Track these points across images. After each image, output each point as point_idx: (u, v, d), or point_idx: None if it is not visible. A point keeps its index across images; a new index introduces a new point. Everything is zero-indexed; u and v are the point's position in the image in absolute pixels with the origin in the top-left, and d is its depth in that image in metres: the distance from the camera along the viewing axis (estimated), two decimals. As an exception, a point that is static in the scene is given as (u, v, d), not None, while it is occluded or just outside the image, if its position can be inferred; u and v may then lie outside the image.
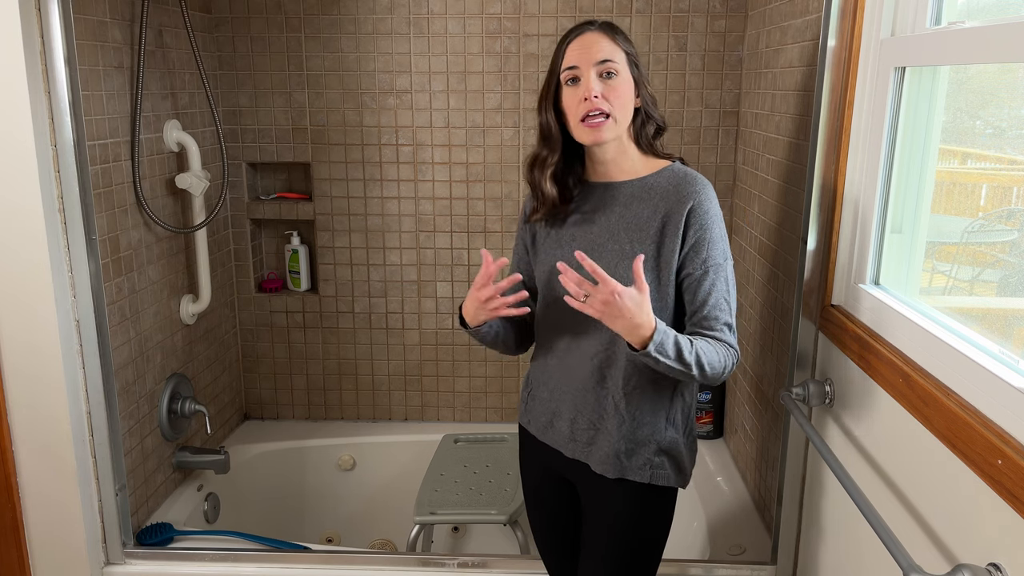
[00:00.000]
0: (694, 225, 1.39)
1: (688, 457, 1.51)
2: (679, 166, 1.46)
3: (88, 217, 1.78)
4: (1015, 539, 1.00)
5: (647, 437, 1.45)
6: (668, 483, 1.47)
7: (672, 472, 1.48)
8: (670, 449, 1.47)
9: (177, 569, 1.96)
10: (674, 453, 1.47)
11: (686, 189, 1.41)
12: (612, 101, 1.37)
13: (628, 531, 1.49)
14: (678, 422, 1.48)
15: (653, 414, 1.45)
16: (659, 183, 1.43)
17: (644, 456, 1.45)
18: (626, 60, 1.39)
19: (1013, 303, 1.24)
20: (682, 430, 1.49)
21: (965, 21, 1.25)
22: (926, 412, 1.21)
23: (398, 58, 2.54)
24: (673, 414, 1.47)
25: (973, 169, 1.40)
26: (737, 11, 2.45)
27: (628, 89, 1.39)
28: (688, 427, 1.51)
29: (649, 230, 1.41)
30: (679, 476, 1.49)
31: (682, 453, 1.48)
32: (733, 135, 2.53)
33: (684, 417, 1.49)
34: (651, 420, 1.45)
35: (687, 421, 1.51)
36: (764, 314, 2.17)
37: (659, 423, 1.46)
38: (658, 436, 1.46)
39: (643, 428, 1.45)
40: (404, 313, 2.73)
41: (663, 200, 1.41)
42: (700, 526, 2.22)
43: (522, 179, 2.60)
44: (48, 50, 1.68)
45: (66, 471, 1.86)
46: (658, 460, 1.46)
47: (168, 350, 2.27)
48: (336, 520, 2.72)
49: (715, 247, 1.40)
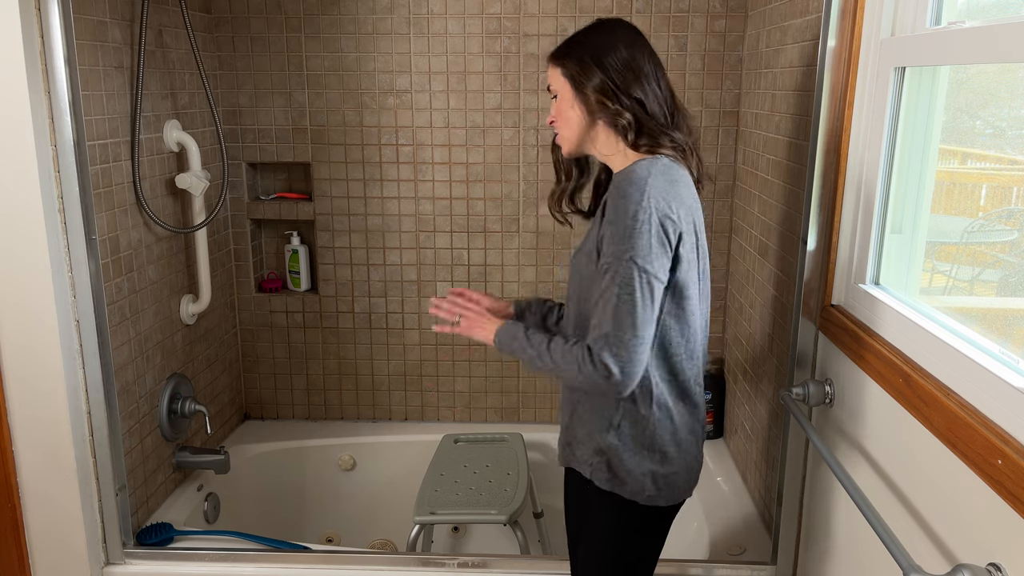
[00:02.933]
0: (607, 217, 1.35)
1: (639, 469, 1.44)
2: (643, 162, 1.38)
3: (88, 217, 1.78)
4: (1015, 539, 1.00)
5: (587, 435, 1.48)
6: (605, 487, 1.46)
7: (608, 476, 1.45)
8: (609, 453, 1.44)
9: (177, 569, 1.96)
10: (613, 459, 1.44)
11: (619, 179, 1.38)
12: (557, 120, 1.48)
13: (591, 535, 1.53)
14: (624, 431, 1.43)
15: (595, 415, 1.46)
16: (621, 175, 1.42)
17: (585, 453, 1.48)
18: (560, 74, 1.44)
19: (1013, 303, 1.24)
20: (630, 440, 1.43)
21: (965, 21, 1.25)
22: (926, 412, 1.21)
23: (398, 58, 2.54)
24: (618, 420, 1.43)
25: (973, 169, 1.40)
26: (737, 11, 2.45)
27: (564, 102, 1.45)
28: (647, 442, 1.43)
29: (597, 223, 1.44)
30: (617, 483, 1.44)
31: (624, 463, 1.43)
32: (733, 135, 2.53)
33: (636, 428, 1.43)
34: (591, 419, 1.47)
35: (642, 433, 1.43)
36: (764, 314, 2.17)
37: (599, 425, 1.45)
38: (598, 437, 1.45)
39: (583, 426, 1.49)
40: (404, 313, 2.73)
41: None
42: (700, 526, 2.22)
43: (522, 179, 2.60)
44: (48, 50, 1.68)
45: (66, 471, 1.86)
46: (597, 461, 1.46)
47: (168, 350, 2.27)
48: (336, 520, 2.72)
49: (617, 243, 1.31)
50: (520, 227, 2.64)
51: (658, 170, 1.35)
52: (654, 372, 1.41)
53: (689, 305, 1.40)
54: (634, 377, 1.33)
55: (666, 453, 1.45)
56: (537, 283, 2.67)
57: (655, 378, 1.41)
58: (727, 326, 2.65)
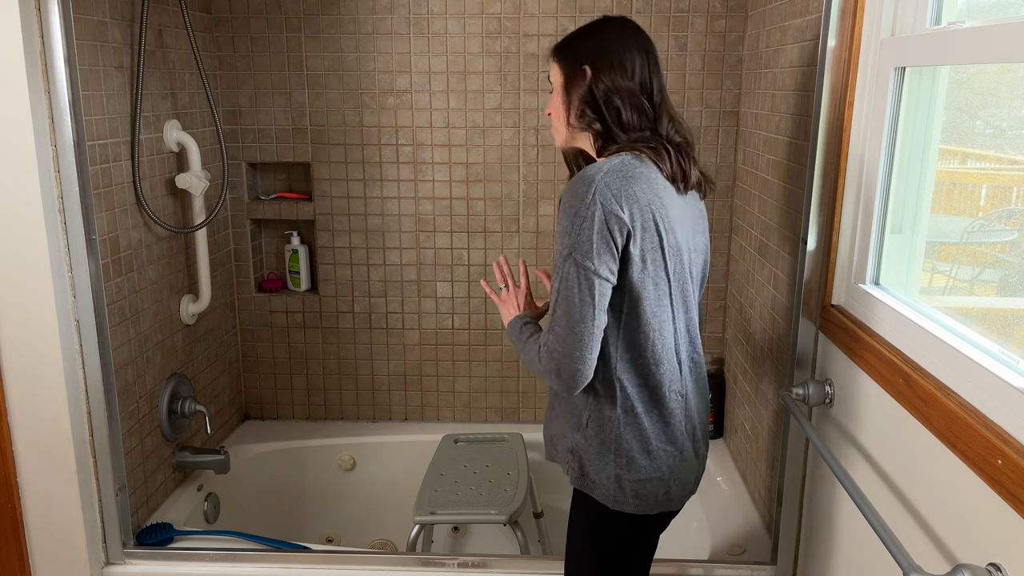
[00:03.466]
0: (559, 216, 1.37)
1: (605, 473, 1.42)
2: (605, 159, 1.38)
3: (88, 217, 1.78)
4: (1015, 539, 1.00)
5: (560, 432, 1.50)
6: (576, 485, 1.48)
7: (579, 475, 1.46)
8: (581, 454, 1.45)
9: (177, 569, 1.96)
10: (584, 459, 1.45)
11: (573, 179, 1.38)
12: (551, 112, 1.51)
13: (569, 533, 1.56)
14: (590, 431, 1.43)
15: (568, 413, 1.48)
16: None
17: (562, 450, 1.50)
18: (558, 70, 1.46)
19: (1013, 303, 1.24)
20: (596, 443, 1.42)
21: (965, 21, 1.25)
22: (926, 412, 1.21)
23: (398, 58, 2.54)
24: (585, 420, 1.43)
25: (973, 169, 1.40)
26: (737, 11, 2.45)
27: (557, 97, 1.47)
28: (612, 445, 1.41)
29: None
30: (588, 483, 1.45)
31: (592, 464, 1.43)
32: (733, 135, 2.53)
33: (605, 431, 1.41)
34: (565, 417, 1.48)
35: (608, 438, 1.41)
36: (764, 314, 2.17)
37: (569, 424, 1.47)
38: (570, 436, 1.47)
39: (556, 423, 1.51)
40: (404, 313, 2.73)
41: None
42: (700, 526, 2.22)
43: (522, 179, 2.60)
44: (48, 50, 1.68)
45: (66, 471, 1.86)
46: (570, 459, 1.48)
47: (168, 350, 2.27)
48: (336, 520, 2.72)
49: (560, 241, 1.34)
50: (520, 227, 2.64)
51: (613, 167, 1.33)
52: (623, 375, 1.39)
53: (647, 306, 1.35)
54: (574, 374, 1.33)
55: (632, 459, 1.41)
56: (537, 283, 2.67)
57: (624, 381, 1.39)
58: (727, 326, 2.65)
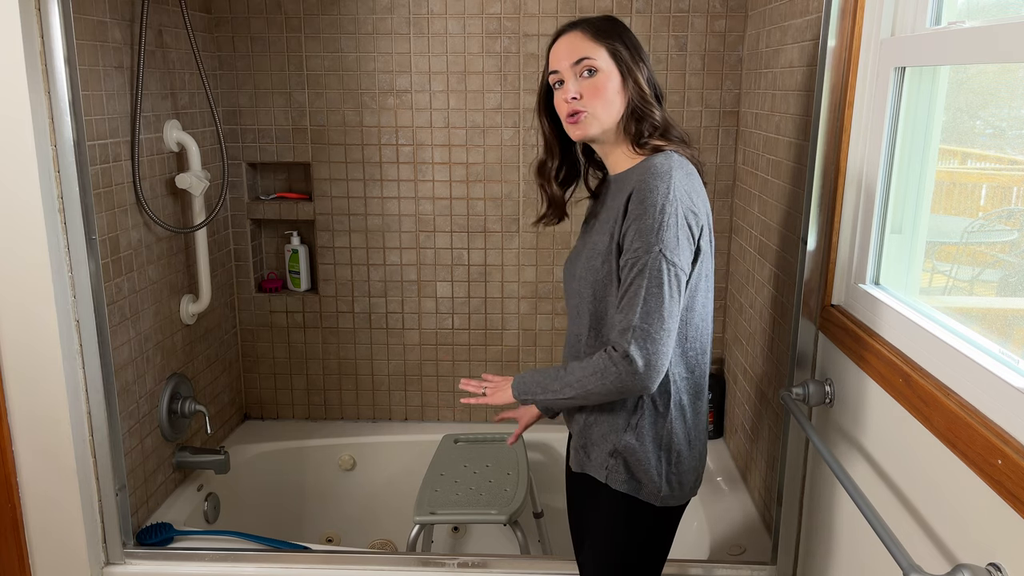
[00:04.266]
0: (631, 212, 1.33)
1: (658, 471, 1.43)
2: (661, 155, 1.38)
3: (88, 217, 1.78)
4: (1015, 539, 1.00)
5: (601, 436, 1.45)
6: (625, 490, 1.44)
7: (628, 479, 1.43)
8: (627, 454, 1.42)
9: (177, 569, 1.96)
10: (632, 460, 1.42)
11: (639, 176, 1.35)
12: (591, 98, 1.38)
13: (600, 539, 1.51)
14: (643, 431, 1.42)
15: (610, 415, 1.43)
16: (633, 173, 1.40)
17: (600, 455, 1.45)
18: (608, 55, 1.38)
19: (1013, 303, 1.24)
20: (649, 440, 1.42)
21: (965, 21, 1.25)
22: (926, 412, 1.21)
23: (398, 58, 2.54)
24: (636, 421, 1.42)
25: (973, 169, 1.40)
26: (737, 11, 2.45)
27: (610, 83, 1.38)
28: (662, 440, 1.43)
29: (610, 221, 1.40)
30: (634, 484, 1.43)
31: (643, 464, 1.42)
32: (733, 135, 2.53)
33: (656, 428, 1.42)
34: (606, 420, 1.44)
35: (660, 433, 1.42)
36: (764, 314, 2.17)
37: (616, 424, 1.43)
38: (614, 438, 1.43)
39: (596, 427, 1.45)
40: (404, 313, 2.73)
41: (629, 189, 1.37)
42: (700, 526, 2.22)
43: (522, 179, 2.60)
44: (48, 50, 1.68)
45: (66, 471, 1.86)
46: (613, 462, 1.43)
47: (168, 350, 2.27)
48: (336, 520, 2.72)
49: (644, 237, 1.29)
50: (520, 227, 2.64)
51: (676, 164, 1.35)
52: (675, 368, 1.41)
53: (701, 300, 1.41)
54: (660, 371, 1.32)
55: (680, 453, 1.44)
56: (537, 283, 2.67)
57: (675, 374, 1.41)
58: (727, 326, 2.65)
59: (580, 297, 1.46)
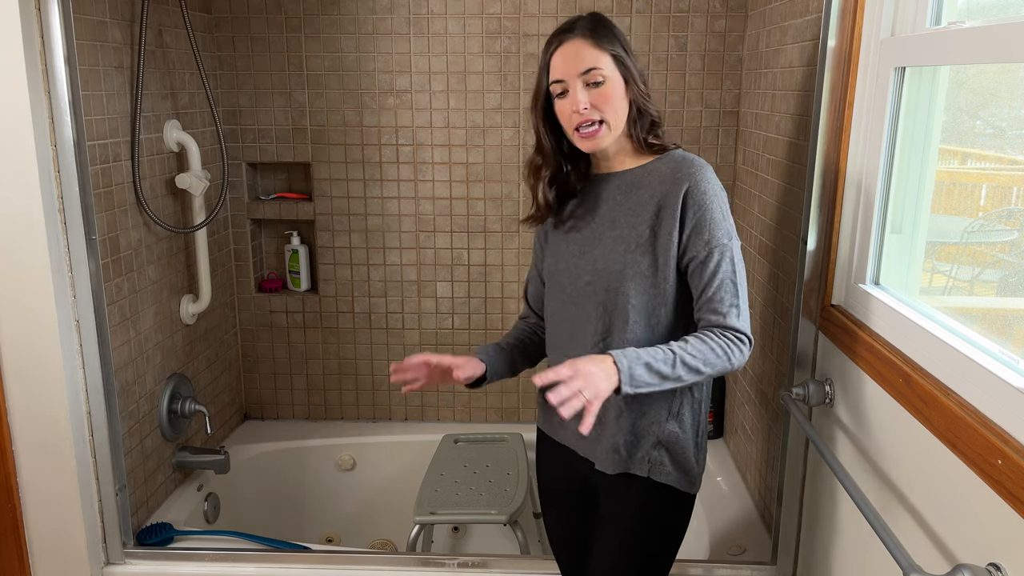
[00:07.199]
0: (692, 207, 1.37)
1: (695, 457, 1.47)
2: (680, 152, 1.46)
3: (88, 217, 1.78)
4: (1015, 539, 1.00)
5: (645, 428, 1.44)
6: (668, 481, 1.44)
7: (672, 469, 1.44)
8: (670, 444, 1.43)
9: (177, 569, 1.96)
10: (675, 449, 1.44)
11: (683, 171, 1.40)
12: (603, 108, 1.38)
13: (634, 534, 1.48)
14: (684, 418, 1.45)
15: (653, 405, 1.43)
16: (658, 168, 1.44)
17: (643, 449, 1.44)
18: (612, 62, 1.39)
19: (1013, 303, 1.24)
20: (689, 427, 1.45)
21: (965, 21, 1.25)
22: (926, 412, 1.21)
23: (398, 58, 2.54)
24: (677, 408, 1.44)
25: (973, 169, 1.40)
26: (737, 11, 2.45)
27: (617, 92, 1.40)
28: (697, 426, 1.47)
29: (645, 214, 1.41)
30: (681, 475, 1.45)
31: (685, 451, 1.45)
32: (733, 135, 2.53)
33: (693, 414, 1.46)
34: (651, 411, 1.43)
35: (696, 419, 1.47)
36: (764, 314, 2.17)
37: (660, 415, 1.43)
38: (657, 428, 1.43)
39: (642, 418, 1.44)
40: (404, 313, 2.73)
41: (660, 184, 1.41)
42: (700, 526, 2.22)
43: (522, 179, 2.60)
44: (48, 50, 1.68)
45: (66, 471, 1.86)
46: (656, 455, 1.44)
47: (168, 350, 2.27)
48: (336, 520, 2.72)
49: (718, 227, 1.37)
50: (520, 227, 2.64)
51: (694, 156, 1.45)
52: None
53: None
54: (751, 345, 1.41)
55: (706, 437, 1.51)
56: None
57: None
58: (727, 326, 2.65)
59: (608, 292, 1.42)
